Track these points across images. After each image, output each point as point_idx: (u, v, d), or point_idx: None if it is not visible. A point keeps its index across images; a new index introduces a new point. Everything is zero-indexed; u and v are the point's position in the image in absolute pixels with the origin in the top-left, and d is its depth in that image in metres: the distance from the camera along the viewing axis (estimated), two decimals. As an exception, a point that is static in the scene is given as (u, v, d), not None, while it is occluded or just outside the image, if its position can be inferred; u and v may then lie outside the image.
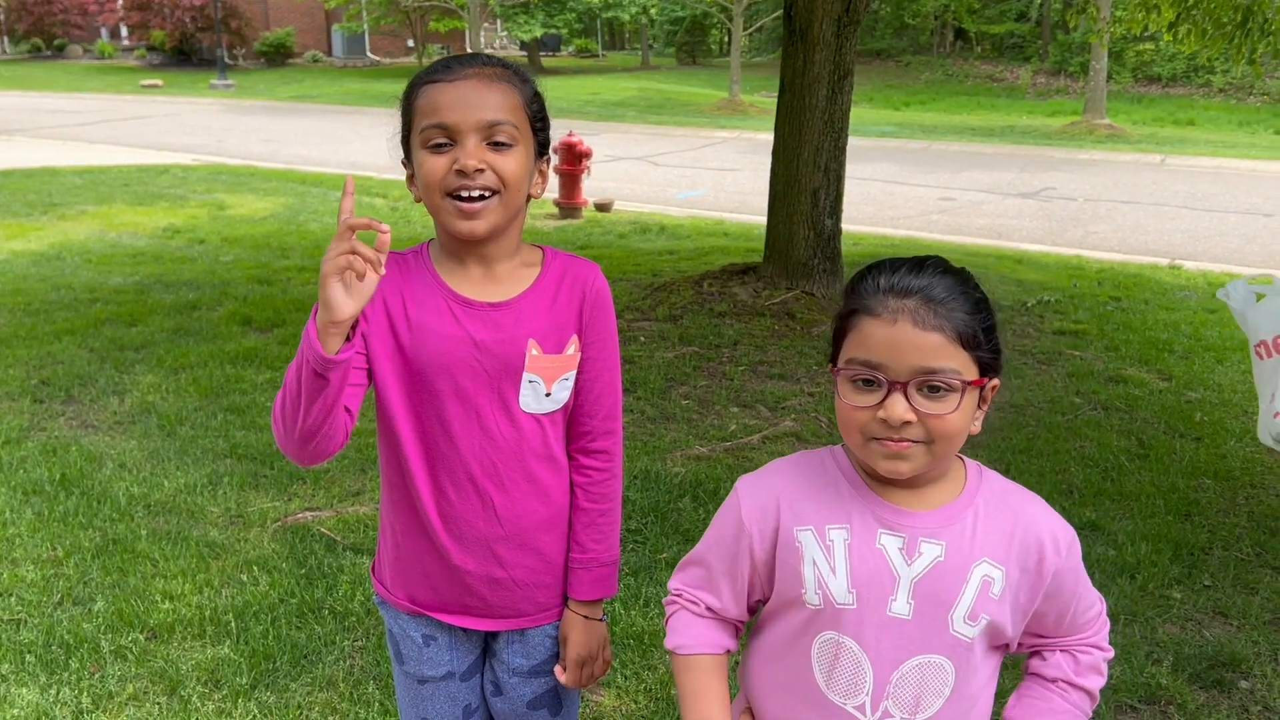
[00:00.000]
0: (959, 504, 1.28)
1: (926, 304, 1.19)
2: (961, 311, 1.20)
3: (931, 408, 1.19)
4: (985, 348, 1.23)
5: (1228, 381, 5.33)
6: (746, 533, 1.33)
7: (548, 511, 1.55)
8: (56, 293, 6.47)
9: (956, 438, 1.23)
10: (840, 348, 1.27)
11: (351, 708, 2.53)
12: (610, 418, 1.57)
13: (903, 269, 1.23)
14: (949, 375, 1.19)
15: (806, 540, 1.28)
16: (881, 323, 1.20)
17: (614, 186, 11.78)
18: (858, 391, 1.22)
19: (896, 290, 1.21)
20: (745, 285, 6.22)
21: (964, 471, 1.31)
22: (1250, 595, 3.20)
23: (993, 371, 1.25)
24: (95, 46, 37.46)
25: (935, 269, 1.23)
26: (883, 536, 1.26)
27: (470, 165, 1.39)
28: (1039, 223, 10.66)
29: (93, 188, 11.03)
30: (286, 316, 5.94)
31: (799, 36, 5.86)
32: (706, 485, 3.79)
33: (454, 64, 1.44)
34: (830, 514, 1.29)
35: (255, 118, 20.76)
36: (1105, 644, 1.36)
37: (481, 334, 1.46)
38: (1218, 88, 25.06)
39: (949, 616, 1.24)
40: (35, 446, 4.06)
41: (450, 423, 1.47)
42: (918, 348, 1.19)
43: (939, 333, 1.19)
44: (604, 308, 1.54)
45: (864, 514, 1.27)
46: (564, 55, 40.18)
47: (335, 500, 3.65)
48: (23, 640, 2.76)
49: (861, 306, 1.23)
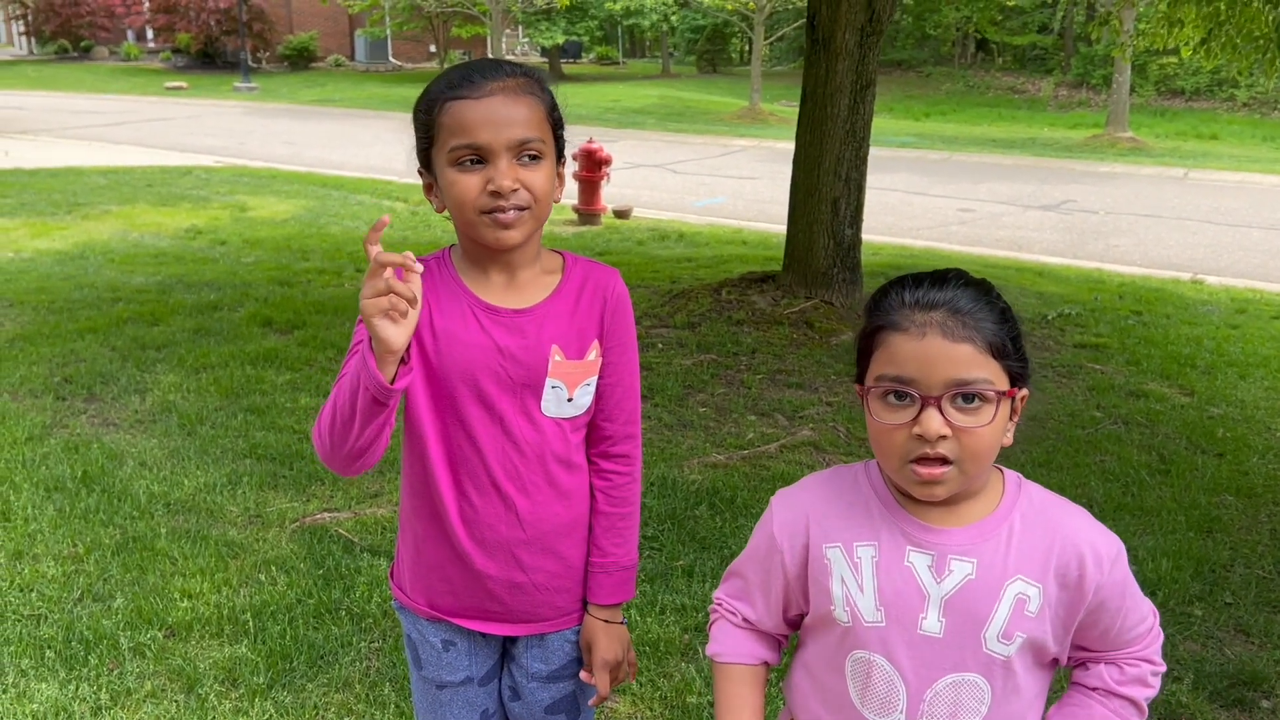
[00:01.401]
0: (993, 519, 1.25)
1: (954, 316, 1.18)
2: (989, 321, 1.19)
3: (967, 421, 1.18)
4: (1014, 357, 1.21)
5: (1250, 398, 5.28)
6: (778, 548, 1.33)
7: (569, 516, 1.55)
8: (80, 291, 6.53)
9: (990, 451, 1.21)
10: (867, 366, 1.25)
11: (368, 709, 2.53)
12: (630, 422, 1.58)
13: (925, 283, 1.21)
14: (983, 385, 1.18)
15: (835, 557, 1.28)
16: (909, 337, 1.19)
17: (633, 194, 11.79)
18: (890, 409, 1.20)
19: (922, 304, 1.20)
20: (764, 294, 6.21)
21: (1002, 484, 1.28)
22: (1273, 614, 3.16)
23: (1022, 381, 1.23)
24: (121, 48, 37.86)
25: (958, 281, 1.22)
26: (911, 554, 1.25)
27: (506, 187, 1.40)
28: (1060, 235, 10.60)
29: (116, 188, 11.14)
30: (307, 318, 5.98)
31: (822, 46, 5.86)
32: (723, 493, 3.78)
33: (476, 77, 1.42)
34: (859, 531, 1.28)
35: (278, 121, 20.92)
36: (1156, 657, 1.32)
37: (506, 340, 1.47)
38: (1241, 102, 24.89)
39: (982, 635, 1.22)
40: (57, 443, 4.10)
41: (474, 427, 1.48)
42: (950, 360, 1.17)
43: (969, 344, 1.18)
44: (624, 313, 1.55)
45: (893, 531, 1.26)
46: (585, 62, 40.31)
47: (354, 502, 3.66)
48: (43, 635, 2.78)
49: (887, 323, 1.22)
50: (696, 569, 3.24)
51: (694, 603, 3.05)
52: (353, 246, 8.38)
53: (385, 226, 1.31)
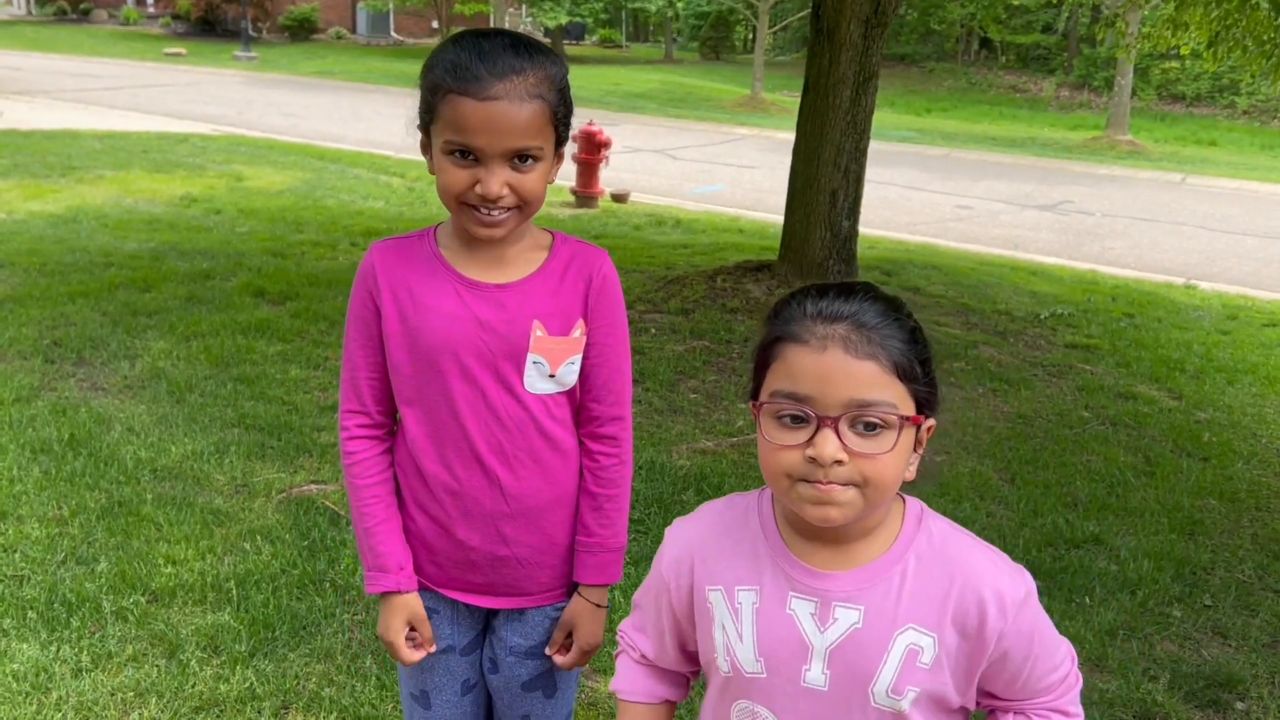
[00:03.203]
0: (885, 561, 1.14)
1: (858, 330, 1.08)
2: (897, 340, 1.10)
3: (865, 446, 1.07)
4: (922, 381, 1.11)
5: (1238, 403, 5.31)
6: (665, 585, 1.26)
7: (553, 492, 1.56)
8: (72, 255, 6.49)
9: (891, 482, 1.10)
10: (762, 380, 1.14)
11: (348, 680, 2.54)
12: (618, 404, 1.58)
13: (831, 293, 1.12)
14: (884, 409, 1.07)
15: (716, 601, 1.19)
16: (809, 350, 1.09)
17: (631, 178, 11.76)
18: (783, 429, 1.10)
19: (825, 315, 1.10)
20: (759, 283, 6.21)
21: (901, 519, 1.17)
22: (1250, 617, 3.19)
23: (929, 409, 1.13)
24: (120, 12, 37.51)
25: (866, 294, 1.12)
26: (794, 600, 1.15)
27: (493, 193, 1.39)
28: (1055, 236, 10.62)
29: (112, 153, 11.06)
30: (300, 290, 5.95)
31: (826, 36, 5.84)
32: (711, 479, 3.79)
33: (483, 70, 1.36)
34: (742, 573, 1.18)
35: (276, 91, 20.78)
36: (1072, 706, 1.21)
37: (486, 314, 1.47)
38: (1242, 109, 24.93)
39: (870, 689, 1.13)
40: (45, 406, 4.08)
41: (457, 402, 1.49)
42: (850, 377, 1.07)
43: (873, 361, 1.08)
44: (611, 293, 1.55)
45: (776, 574, 1.16)
46: (587, 44, 40.12)
47: (340, 474, 3.65)
48: (25, 596, 2.78)
49: (786, 334, 1.11)
50: (681, 553, 3.25)
51: (678, 586, 3.06)
52: (348, 220, 8.34)
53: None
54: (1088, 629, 3.02)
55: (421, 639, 1.58)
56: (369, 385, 1.55)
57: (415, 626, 1.57)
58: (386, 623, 1.57)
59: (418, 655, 1.58)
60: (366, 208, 9.09)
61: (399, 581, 1.55)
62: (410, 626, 1.57)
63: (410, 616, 1.57)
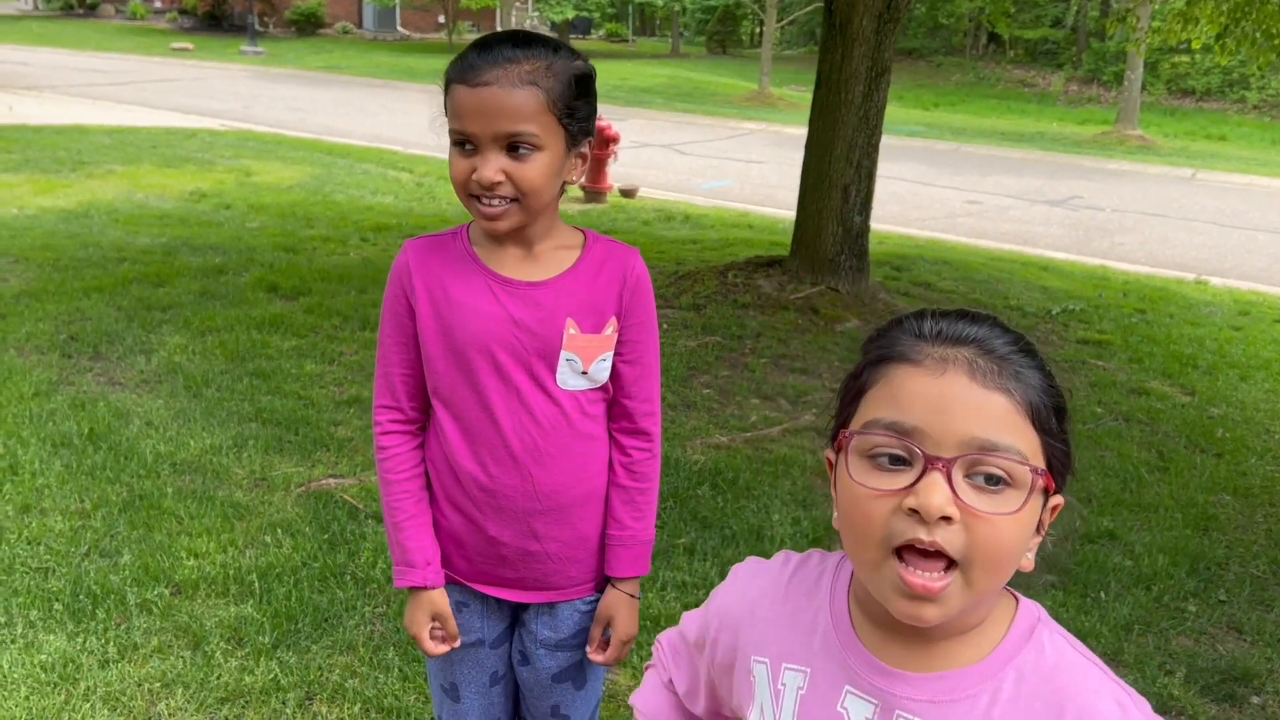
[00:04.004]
0: (976, 672, 0.88)
1: (986, 356, 0.86)
2: (1033, 375, 0.87)
3: (984, 504, 0.82)
4: (1058, 437, 0.88)
5: (1251, 399, 5.31)
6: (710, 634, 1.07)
7: (585, 488, 1.57)
8: (85, 250, 6.52)
9: (1010, 558, 0.85)
10: (851, 414, 0.91)
11: (371, 672, 2.56)
12: (650, 400, 1.60)
13: (953, 315, 0.91)
14: (1013, 457, 0.83)
15: (760, 676, 0.99)
16: (923, 372, 0.86)
17: (639, 173, 11.76)
18: (877, 470, 0.85)
19: (946, 337, 0.88)
20: (770, 278, 6.22)
21: (1009, 622, 0.91)
22: (1265, 612, 3.20)
23: (1061, 479, 0.88)
24: (127, 7, 37.56)
25: (994, 322, 0.91)
26: (849, 697, 0.92)
27: (487, 178, 1.41)
28: (1065, 231, 10.60)
29: (121, 148, 11.08)
30: (312, 285, 5.98)
31: (838, 31, 5.84)
32: (726, 474, 3.80)
33: (481, 62, 1.41)
34: (793, 648, 0.97)
35: (284, 86, 20.80)
36: None
37: (520, 312, 1.48)
38: (1252, 104, 24.83)
39: None
40: (64, 400, 4.11)
41: (490, 398, 1.50)
42: (974, 411, 0.83)
43: (1004, 395, 0.85)
44: (644, 292, 1.57)
45: (831, 659, 0.94)
46: (594, 39, 40.08)
47: (359, 469, 3.68)
48: (51, 588, 2.81)
49: (893, 354, 0.89)
50: (698, 547, 3.27)
51: (694, 580, 3.08)
52: (358, 215, 8.36)
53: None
54: (1103, 624, 3.04)
55: (446, 634, 1.60)
56: (403, 381, 1.57)
57: (440, 621, 1.59)
58: (411, 616, 1.60)
59: (442, 649, 1.61)
60: (376, 203, 9.11)
61: (425, 577, 1.57)
62: (435, 621, 1.59)
63: (435, 612, 1.59)
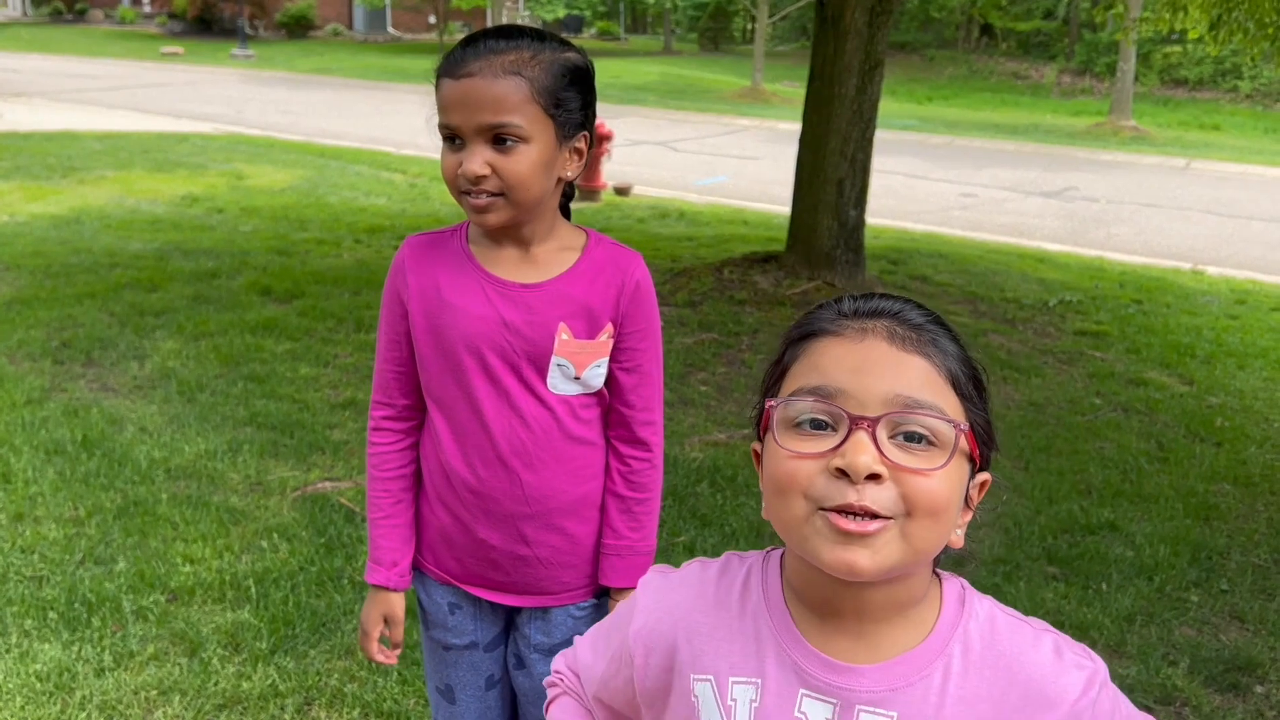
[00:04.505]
0: (922, 653, 0.90)
1: (903, 325, 0.88)
2: (949, 343, 0.89)
3: (910, 461, 0.82)
4: (980, 407, 0.89)
5: (1249, 388, 5.30)
6: (629, 658, 1.01)
7: (577, 493, 1.54)
8: (76, 256, 6.49)
9: (944, 514, 0.84)
10: (777, 392, 0.91)
11: (370, 676, 2.54)
12: (649, 409, 1.56)
13: (870, 295, 0.93)
14: (935, 413, 0.83)
15: (703, 695, 0.94)
16: (844, 340, 0.87)
17: (633, 171, 11.74)
18: (801, 437, 0.85)
19: (863, 312, 0.89)
20: (766, 274, 6.20)
21: (939, 600, 0.92)
22: (1268, 601, 3.19)
23: (985, 451, 0.90)
24: (116, 12, 37.47)
25: (907, 299, 0.92)
26: (805, 700, 0.90)
27: (471, 171, 1.39)
28: (1061, 222, 10.60)
29: (112, 153, 11.04)
30: (306, 288, 5.95)
31: (831, 25, 5.82)
32: (724, 471, 3.79)
33: (466, 55, 1.39)
34: (738, 660, 0.93)
35: (275, 89, 20.74)
36: None
37: (511, 314, 1.46)
38: (1244, 93, 24.84)
39: None
40: (57, 407, 4.08)
41: (480, 401, 1.48)
42: (895, 369, 0.85)
43: (922, 358, 0.86)
44: (644, 300, 1.53)
45: (783, 665, 0.91)
46: (586, 37, 40.03)
47: (354, 472, 3.66)
48: (45, 597, 2.78)
49: (814, 330, 0.91)
50: (698, 545, 3.25)
51: (695, 578, 3.06)
52: (351, 217, 8.33)
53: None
54: (1105, 615, 3.02)
55: (391, 640, 1.61)
56: (395, 378, 1.56)
57: (389, 626, 1.61)
58: (366, 613, 1.62)
59: (379, 657, 1.62)
60: (369, 205, 9.08)
61: (389, 578, 1.58)
62: (385, 624, 1.60)
63: (388, 614, 1.60)
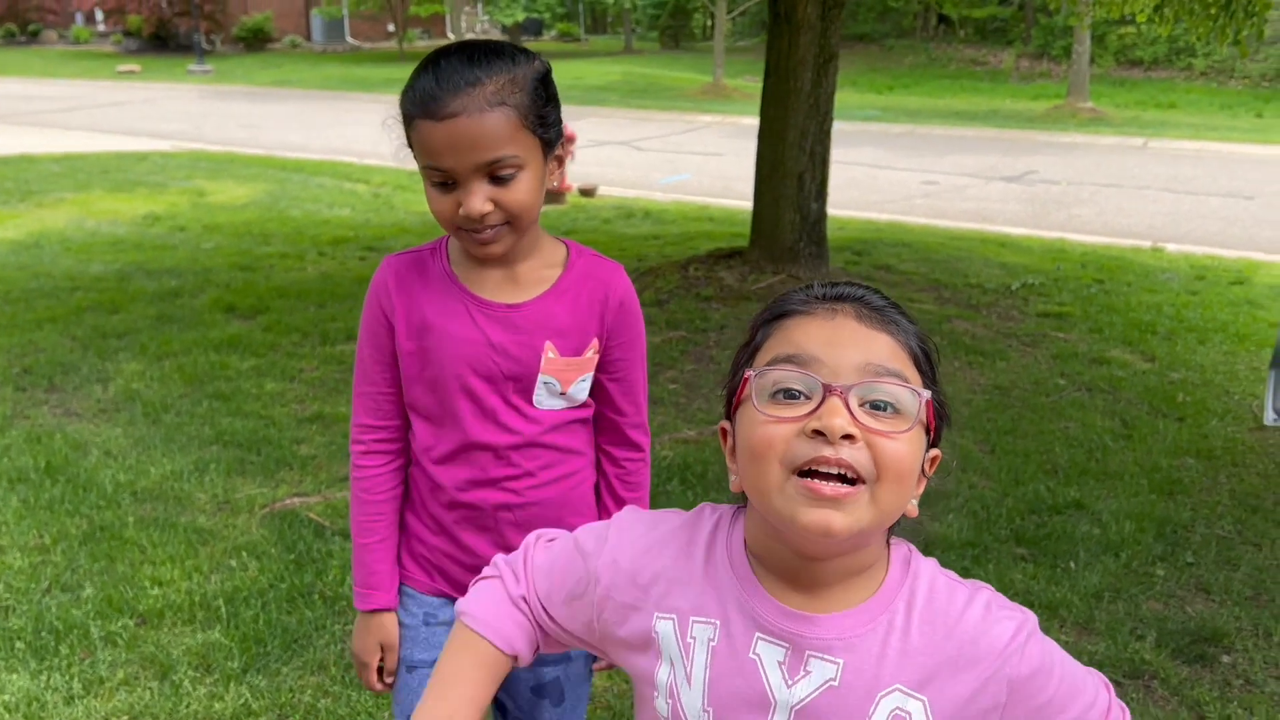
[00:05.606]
0: (870, 608, 0.95)
1: (868, 308, 0.95)
2: (909, 325, 0.96)
3: (879, 425, 0.88)
4: (937, 385, 0.96)
5: (1209, 362, 5.38)
6: (595, 578, 1.03)
7: (564, 503, 1.55)
8: (36, 280, 6.40)
9: (908, 478, 0.91)
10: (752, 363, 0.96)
11: (344, 691, 2.53)
12: (638, 413, 1.58)
13: (837, 283, 1.00)
14: (902, 382, 0.91)
15: (664, 632, 0.99)
16: (815, 317, 0.94)
17: (598, 171, 11.74)
18: (776, 403, 0.90)
19: (831, 296, 0.97)
20: (731, 269, 6.23)
21: (886, 562, 0.98)
22: (1232, 571, 3.24)
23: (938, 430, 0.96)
24: (70, 32, 36.97)
25: (871, 288, 1.00)
26: (760, 643, 0.95)
27: (476, 211, 1.36)
28: (1022, 206, 10.71)
29: (70, 175, 10.91)
30: (270, 303, 5.91)
31: (784, 20, 5.85)
32: (694, 468, 3.80)
33: (442, 91, 1.32)
34: (702, 602, 0.98)
35: (234, 103, 20.56)
36: None
37: (498, 336, 1.45)
38: (1199, 71, 25.19)
39: None
40: (19, 434, 4.03)
41: (465, 419, 1.48)
42: (865, 343, 0.92)
43: (887, 334, 0.93)
44: (629, 311, 1.52)
45: (741, 609, 0.96)
46: (546, 39, 39.95)
47: (323, 486, 3.64)
48: (11, 627, 2.75)
49: (786, 310, 0.97)
50: (670, 543, 3.26)
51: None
52: (315, 229, 8.28)
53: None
54: (1074, 593, 3.06)
55: (386, 668, 1.59)
56: (383, 400, 1.54)
57: (386, 653, 1.58)
58: (363, 643, 1.57)
59: (379, 686, 1.60)
60: (333, 216, 9.03)
61: (388, 600, 1.56)
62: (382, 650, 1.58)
63: (384, 640, 1.57)
